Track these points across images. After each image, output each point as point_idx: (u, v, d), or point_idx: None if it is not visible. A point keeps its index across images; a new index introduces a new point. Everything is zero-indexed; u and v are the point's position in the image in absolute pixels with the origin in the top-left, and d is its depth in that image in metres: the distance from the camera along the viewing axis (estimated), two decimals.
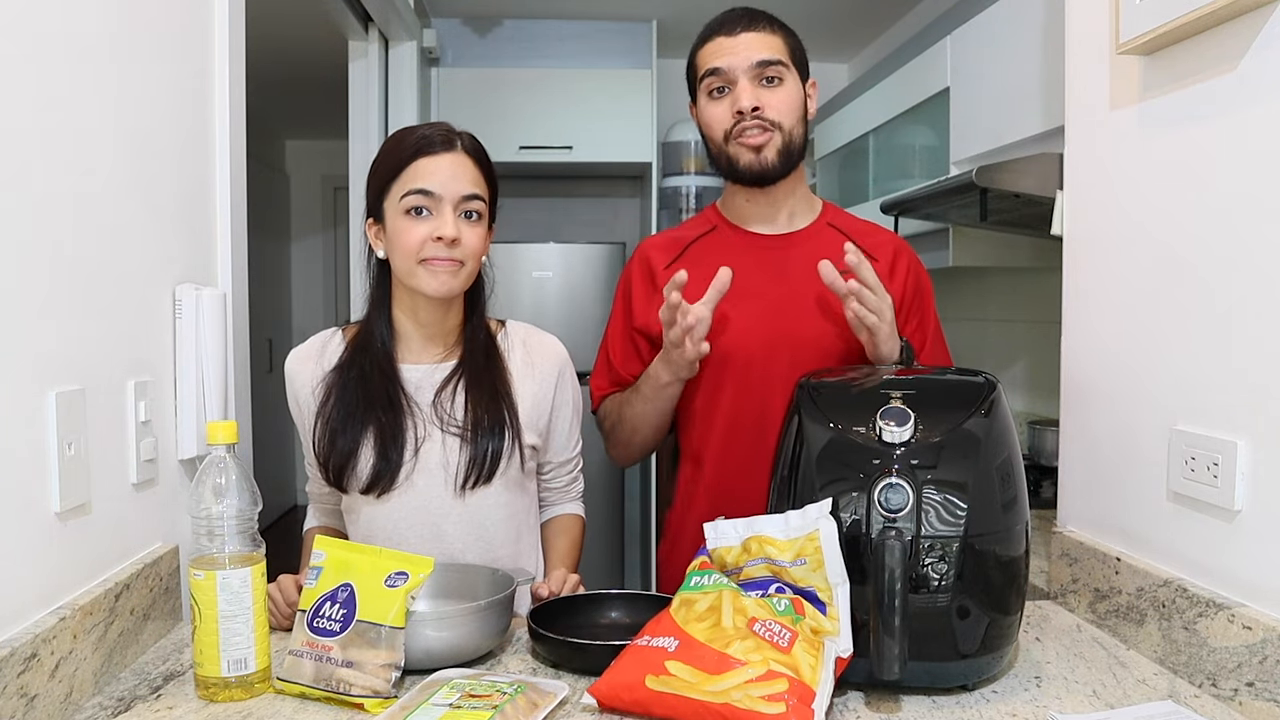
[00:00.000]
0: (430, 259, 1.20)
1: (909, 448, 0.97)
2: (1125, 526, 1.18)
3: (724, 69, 1.35)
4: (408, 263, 1.21)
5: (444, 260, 1.20)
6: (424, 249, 1.19)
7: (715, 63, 1.36)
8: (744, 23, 1.36)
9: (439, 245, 1.19)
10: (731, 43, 1.35)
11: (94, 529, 1.02)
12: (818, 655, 0.90)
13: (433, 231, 1.19)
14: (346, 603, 1.00)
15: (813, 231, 1.44)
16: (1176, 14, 1.00)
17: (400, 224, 1.21)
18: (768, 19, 1.38)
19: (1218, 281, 1.01)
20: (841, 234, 1.43)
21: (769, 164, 1.36)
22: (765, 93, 1.35)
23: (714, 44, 1.37)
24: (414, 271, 1.21)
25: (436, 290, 1.21)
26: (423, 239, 1.19)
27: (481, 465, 1.25)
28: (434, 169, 1.20)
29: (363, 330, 1.30)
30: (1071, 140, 1.30)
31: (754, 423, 1.36)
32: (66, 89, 0.97)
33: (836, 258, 1.40)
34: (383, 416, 1.24)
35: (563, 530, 1.41)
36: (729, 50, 1.35)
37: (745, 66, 1.34)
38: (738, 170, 1.37)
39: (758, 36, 1.35)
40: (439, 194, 1.20)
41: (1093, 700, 0.97)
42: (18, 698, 0.83)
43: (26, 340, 0.90)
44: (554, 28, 3.71)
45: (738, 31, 1.35)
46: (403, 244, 1.20)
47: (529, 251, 3.73)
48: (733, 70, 1.34)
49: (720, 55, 1.35)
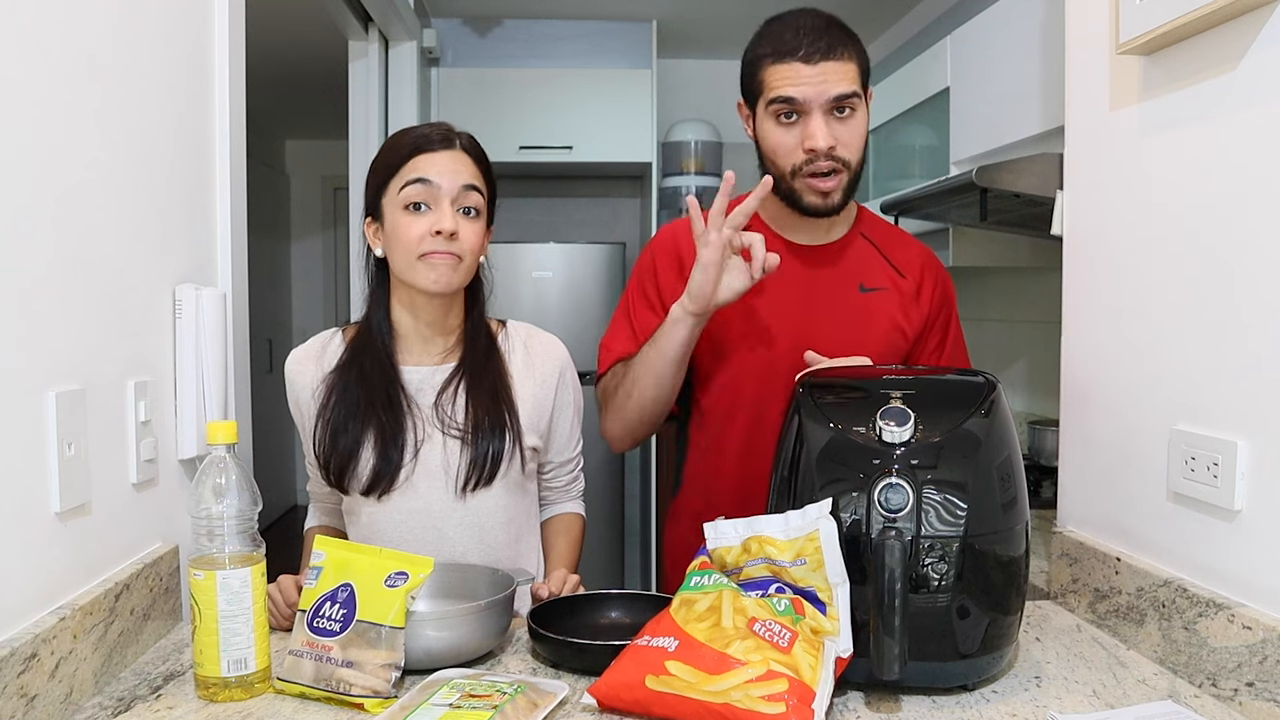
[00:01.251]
0: (429, 253, 1.20)
1: (909, 448, 0.97)
2: (1125, 526, 1.18)
3: (799, 100, 1.27)
4: (407, 258, 1.21)
5: (443, 254, 1.20)
6: (423, 243, 1.19)
7: (790, 91, 1.27)
8: (823, 49, 1.27)
9: (438, 239, 1.19)
10: (811, 73, 1.26)
11: (94, 529, 1.02)
12: (818, 655, 0.90)
13: (432, 225, 1.19)
14: (346, 603, 1.00)
15: (845, 243, 1.43)
16: (1176, 14, 1.00)
17: (399, 219, 1.21)
18: (843, 40, 1.29)
19: (1218, 281, 1.01)
20: (872, 246, 1.44)
21: (834, 205, 1.33)
22: (839, 127, 1.29)
23: (789, 69, 1.27)
24: (413, 266, 1.21)
25: (435, 284, 1.21)
26: (422, 233, 1.19)
27: (482, 468, 1.25)
28: (432, 163, 1.21)
29: (362, 330, 1.30)
30: (1071, 140, 1.30)
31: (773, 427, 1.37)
32: (66, 89, 0.97)
33: (865, 274, 1.41)
34: (383, 416, 1.24)
35: (563, 530, 1.41)
36: (807, 81, 1.26)
37: (822, 101, 1.27)
38: (800, 206, 1.34)
39: (837, 67, 1.27)
40: (437, 184, 1.20)
41: (1093, 700, 0.97)
42: (18, 698, 0.83)
43: (26, 340, 0.90)
44: (554, 28, 3.71)
45: (817, 60, 1.26)
46: (402, 239, 1.20)
47: (529, 251, 3.73)
48: (808, 103, 1.27)
49: (796, 84, 1.27)
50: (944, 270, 1.48)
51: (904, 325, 1.40)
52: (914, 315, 1.42)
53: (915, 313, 1.42)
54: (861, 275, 1.41)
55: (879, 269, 1.42)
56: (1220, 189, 1.00)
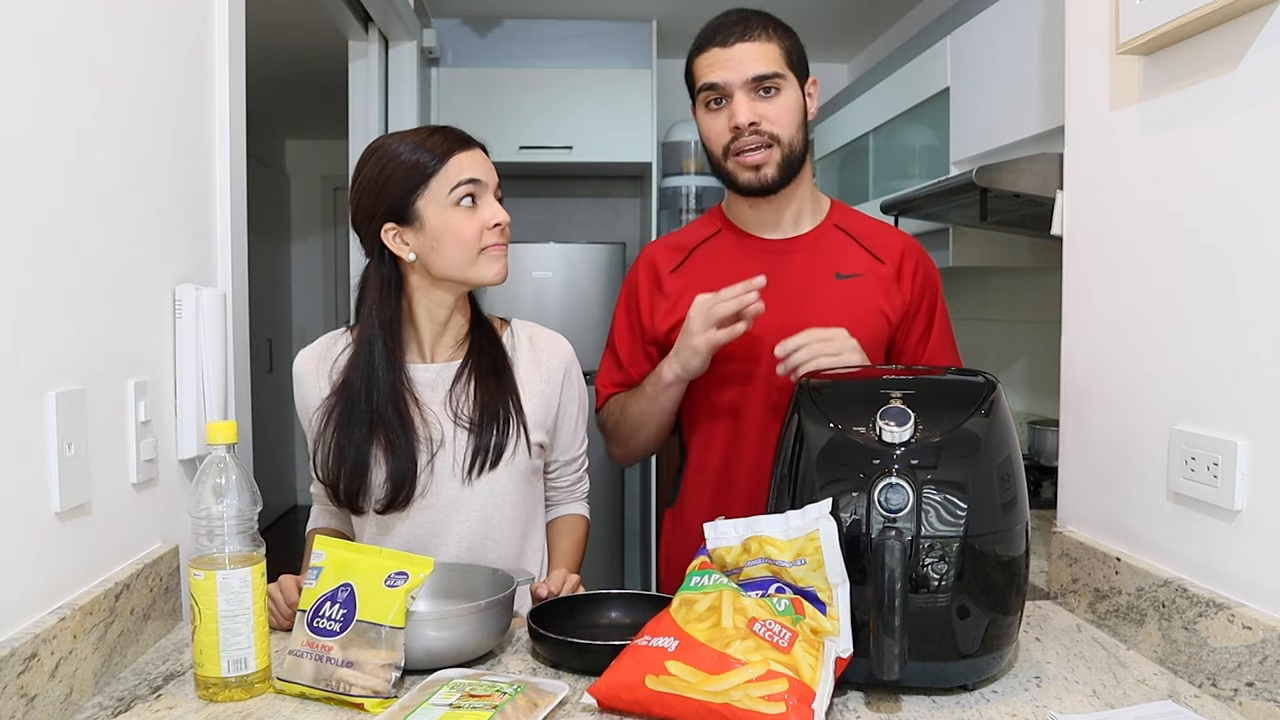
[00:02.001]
0: (490, 246, 1.24)
1: (909, 448, 0.97)
2: (1125, 526, 1.18)
3: (719, 84, 1.32)
4: (467, 254, 1.23)
5: (500, 245, 1.25)
6: (483, 238, 1.23)
7: (711, 77, 1.32)
8: (738, 32, 1.32)
9: (495, 231, 1.24)
10: (727, 55, 1.31)
11: (94, 529, 1.02)
12: (818, 655, 0.90)
13: (490, 219, 1.23)
14: (346, 603, 1.00)
15: (818, 234, 1.43)
16: (1176, 14, 1.00)
17: (452, 217, 1.22)
18: (762, 23, 1.34)
19: (1218, 281, 1.01)
20: (847, 236, 1.44)
21: (769, 180, 1.35)
22: (763, 104, 1.32)
23: (709, 56, 1.33)
24: (474, 261, 1.23)
25: (498, 275, 1.25)
26: (480, 228, 1.23)
27: (488, 451, 1.25)
28: (474, 161, 1.24)
29: (366, 343, 1.25)
30: (1071, 140, 1.30)
31: (759, 425, 1.37)
32: (66, 89, 0.97)
33: (841, 262, 1.41)
34: (393, 437, 1.23)
35: (567, 530, 1.42)
36: (724, 63, 1.31)
37: (741, 81, 1.31)
38: (738, 185, 1.37)
39: (753, 48, 1.31)
40: (485, 181, 1.24)
41: (1093, 700, 0.97)
42: (18, 698, 0.83)
43: (27, 340, 0.90)
44: (554, 28, 3.71)
45: (732, 43, 1.31)
46: (461, 236, 1.22)
47: (529, 251, 3.73)
48: (729, 85, 1.31)
49: (715, 69, 1.32)
50: (928, 257, 1.47)
51: (886, 309, 1.40)
52: (895, 299, 1.41)
53: (897, 296, 1.41)
54: (836, 264, 1.41)
55: (855, 256, 1.42)
56: (1220, 189, 1.00)
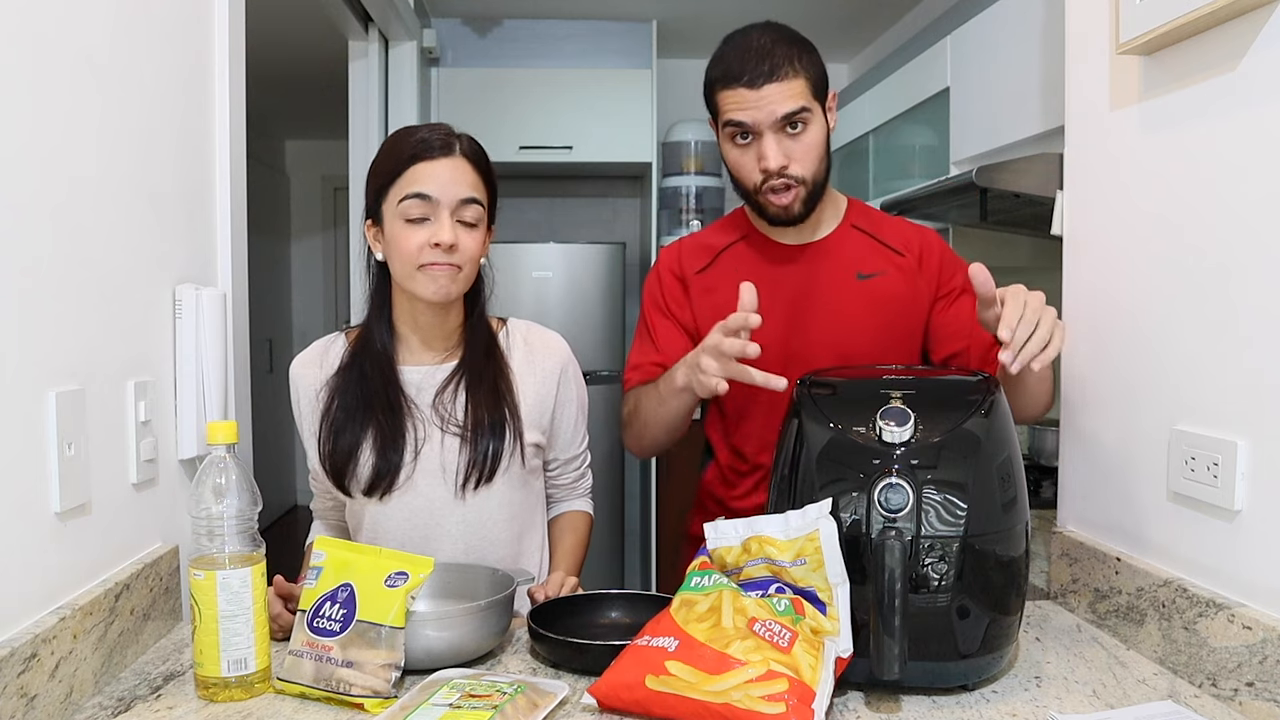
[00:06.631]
0: (428, 264, 1.20)
1: (909, 448, 0.97)
2: (1125, 526, 1.18)
3: (748, 124, 1.31)
4: (406, 268, 1.21)
5: (442, 265, 1.20)
6: (422, 255, 1.19)
7: (738, 115, 1.32)
8: (765, 72, 1.29)
9: (436, 251, 1.19)
10: (755, 96, 1.30)
11: (94, 529, 1.02)
12: (818, 655, 0.90)
13: (430, 238, 1.19)
14: (346, 603, 1.00)
15: (838, 237, 1.45)
16: (1176, 14, 1.00)
17: (398, 229, 1.20)
18: (787, 56, 1.30)
19: (1218, 281, 1.01)
20: (865, 234, 1.45)
21: (795, 214, 1.37)
22: (790, 143, 1.32)
23: (735, 94, 1.31)
24: (412, 276, 1.21)
25: (434, 295, 1.21)
26: (420, 245, 1.19)
27: (482, 466, 1.25)
28: (432, 174, 1.20)
29: (363, 333, 1.30)
30: (1071, 140, 1.30)
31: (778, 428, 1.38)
32: (66, 89, 0.97)
33: (862, 262, 1.43)
34: (382, 418, 1.24)
35: (569, 528, 1.41)
36: (753, 105, 1.30)
37: (770, 122, 1.30)
38: (767, 216, 1.39)
39: (781, 88, 1.29)
40: (436, 198, 1.19)
41: (1093, 700, 0.97)
42: (18, 698, 0.83)
43: (26, 340, 0.90)
44: (554, 28, 3.71)
45: (760, 84, 1.29)
46: (401, 249, 1.20)
47: (529, 251, 3.73)
48: (757, 125, 1.31)
49: (743, 109, 1.31)
50: (947, 247, 1.48)
51: (913, 299, 1.42)
52: (922, 285, 1.43)
53: (923, 282, 1.43)
54: (857, 264, 1.42)
55: (874, 254, 1.43)
56: (1221, 189, 1.00)
